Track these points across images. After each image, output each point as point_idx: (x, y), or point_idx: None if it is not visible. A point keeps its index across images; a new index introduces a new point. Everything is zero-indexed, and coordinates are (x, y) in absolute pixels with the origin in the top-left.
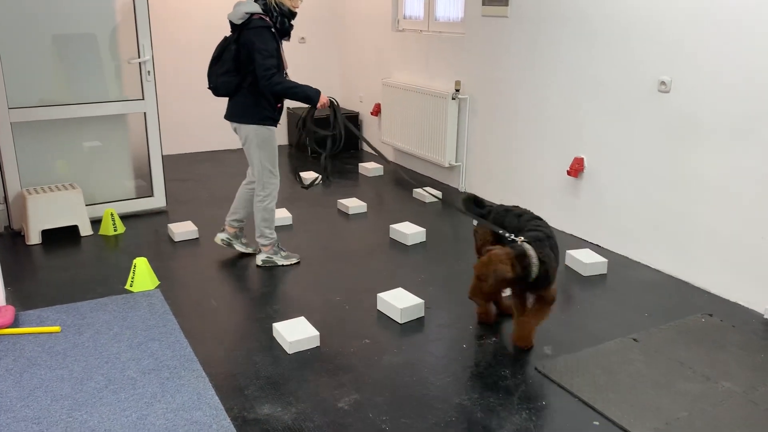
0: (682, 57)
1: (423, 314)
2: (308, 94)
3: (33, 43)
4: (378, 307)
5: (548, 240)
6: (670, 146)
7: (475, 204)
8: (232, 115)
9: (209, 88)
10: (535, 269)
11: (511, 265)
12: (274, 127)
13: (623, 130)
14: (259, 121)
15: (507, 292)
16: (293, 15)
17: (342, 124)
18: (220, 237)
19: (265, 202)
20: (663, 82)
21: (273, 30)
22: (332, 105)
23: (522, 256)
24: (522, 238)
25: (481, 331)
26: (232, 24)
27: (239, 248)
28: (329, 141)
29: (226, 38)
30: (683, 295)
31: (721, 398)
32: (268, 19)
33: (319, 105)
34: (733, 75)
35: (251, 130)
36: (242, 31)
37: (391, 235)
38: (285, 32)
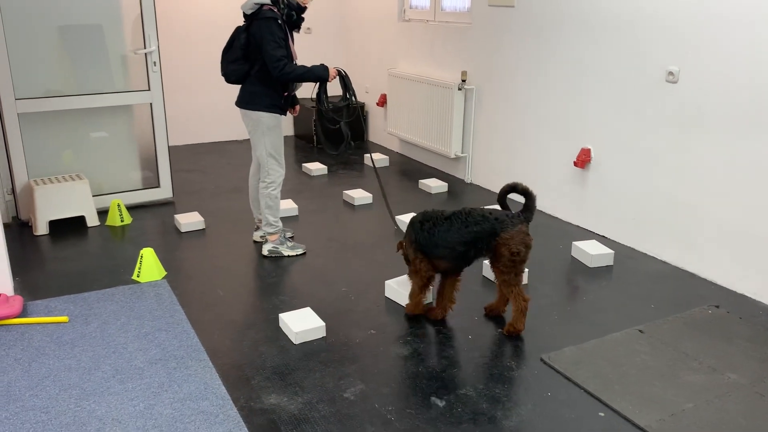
0: (690, 47)
1: (431, 300)
2: (319, 75)
3: (40, 34)
4: (386, 295)
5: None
6: (678, 137)
7: (524, 194)
8: (240, 102)
9: (222, 75)
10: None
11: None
12: (281, 116)
13: (630, 121)
14: (265, 108)
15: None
16: (302, 9)
17: (353, 91)
18: (258, 235)
19: (269, 189)
20: (671, 73)
21: (280, 21)
22: (341, 75)
23: None
24: None
25: (487, 321)
26: (244, 14)
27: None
28: (345, 109)
29: (238, 28)
30: (690, 287)
31: (727, 390)
32: (276, 10)
33: (330, 79)
34: (741, 65)
35: (257, 116)
36: (252, 21)
37: (404, 227)
38: (294, 24)
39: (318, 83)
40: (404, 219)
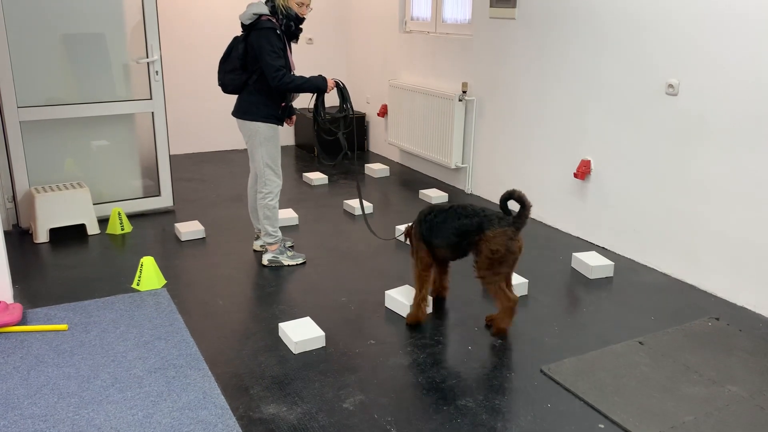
0: (690, 60)
1: (431, 310)
2: (317, 85)
3: (42, 42)
4: (386, 305)
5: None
6: (678, 149)
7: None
8: (237, 112)
9: (219, 84)
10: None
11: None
12: (278, 126)
13: (631, 133)
14: (263, 118)
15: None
16: (300, 20)
17: (350, 103)
18: (258, 244)
19: (267, 199)
20: (671, 85)
21: (279, 31)
22: (338, 86)
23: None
24: None
25: (487, 332)
26: (242, 24)
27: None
28: (342, 121)
29: (236, 38)
30: (690, 299)
31: (727, 402)
32: (274, 20)
33: (328, 90)
34: (741, 78)
35: (254, 127)
36: (250, 32)
37: (398, 236)
38: (292, 35)
39: (316, 94)
40: (403, 229)
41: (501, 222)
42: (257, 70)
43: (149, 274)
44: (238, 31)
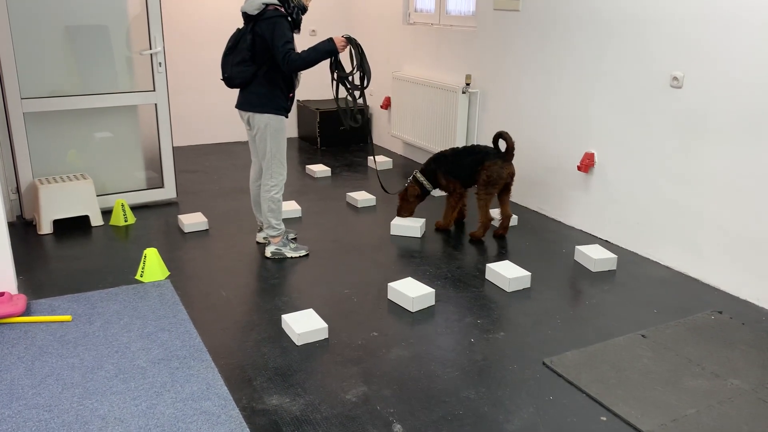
0: (695, 52)
1: (434, 303)
2: (328, 49)
3: (46, 34)
4: (389, 297)
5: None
6: (682, 142)
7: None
8: (245, 105)
9: (223, 78)
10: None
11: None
12: (286, 118)
13: (635, 126)
14: (274, 110)
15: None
16: (305, 10)
17: (365, 59)
18: (261, 236)
19: (272, 192)
20: (675, 78)
21: (289, 20)
22: (350, 41)
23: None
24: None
25: (489, 325)
26: (246, 15)
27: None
28: (362, 77)
29: (239, 29)
30: (693, 292)
31: (730, 395)
32: (283, 9)
33: (340, 49)
34: (745, 71)
35: (266, 119)
36: (257, 22)
37: (397, 231)
38: (297, 24)
39: (330, 58)
40: (403, 223)
41: (494, 156)
42: (267, 61)
43: (153, 266)
44: (240, 23)
